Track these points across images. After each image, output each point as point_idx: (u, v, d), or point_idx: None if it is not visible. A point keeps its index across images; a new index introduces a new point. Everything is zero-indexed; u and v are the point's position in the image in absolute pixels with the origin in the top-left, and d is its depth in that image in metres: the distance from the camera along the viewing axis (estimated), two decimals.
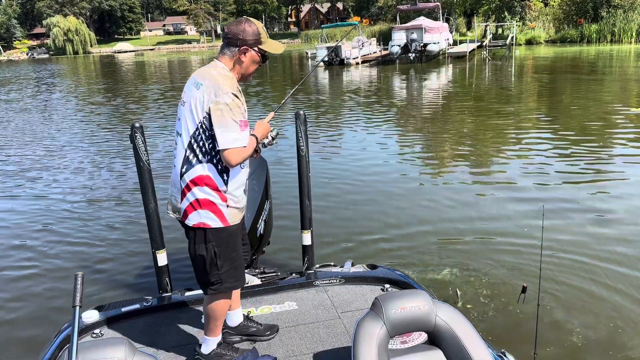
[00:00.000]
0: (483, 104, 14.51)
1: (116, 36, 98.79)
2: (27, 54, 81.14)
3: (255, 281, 3.54)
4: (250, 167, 2.83)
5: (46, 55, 78.71)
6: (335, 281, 3.46)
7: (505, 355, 2.44)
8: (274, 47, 2.53)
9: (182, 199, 2.49)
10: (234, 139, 2.33)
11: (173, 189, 2.56)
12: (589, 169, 7.79)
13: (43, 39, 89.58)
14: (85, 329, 2.94)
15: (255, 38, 2.45)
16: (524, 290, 2.54)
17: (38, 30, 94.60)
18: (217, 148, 2.36)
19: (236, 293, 2.86)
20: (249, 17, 2.56)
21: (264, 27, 2.54)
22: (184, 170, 2.46)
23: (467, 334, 2.12)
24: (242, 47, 2.44)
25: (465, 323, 2.16)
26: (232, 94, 2.35)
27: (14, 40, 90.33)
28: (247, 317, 2.97)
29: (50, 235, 6.36)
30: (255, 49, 2.47)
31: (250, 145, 2.45)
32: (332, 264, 3.82)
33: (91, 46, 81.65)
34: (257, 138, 2.55)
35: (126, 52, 78.44)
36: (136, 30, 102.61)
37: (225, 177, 2.46)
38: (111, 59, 58.05)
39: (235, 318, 2.90)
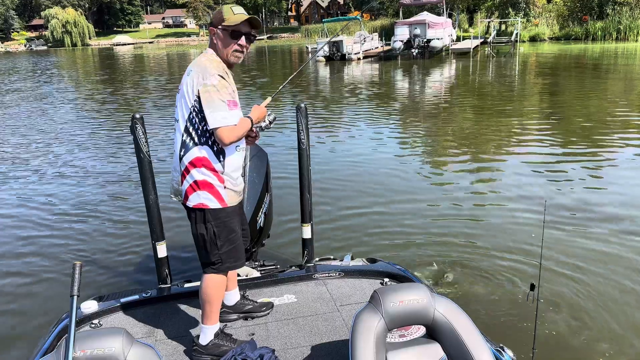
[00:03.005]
0: (487, 102, 14.28)
1: (115, 29, 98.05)
2: (25, 46, 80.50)
3: (255, 274, 3.53)
4: (250, 159, 2.86)
5: (44, 47, 78.11)
6: (334, 274, 3.46)
7: (503, 350, 2.42)
8: (235, 18, 2.55)
9: (182, 181, 2.62)
10: (222, 117, 2.43)
11: (174, 173, 2.71)
12: (592, 167, 7.68)
13: (41, 31, 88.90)
14: (84, 319, 2.96)
15: (218, 18, 2.57)
16: (532, 288, 2.45)
17: (36, 21, 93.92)
18: (208, 128, 2.47)
19: (232, 274, 3.00)
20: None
21: (235, 6, 2.61)
22: (182, 153, 2.58)
23: (465, 328, 2.10)
24: (211, 30, 2.61)
25: (464, 317, 2.14)
26: (219, 75, 2.47)
27: (12, 32, 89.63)
28: (243, 296, 3.11)
29: (50, 225, 6.34)
30: (220, 27, 2.57)
31: (242, 126, 2.54)
32: (332, 257, 3.81)
33: (90, 38, 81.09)
34: (251, 120, 2.64)
35: (125, 44, 77.85)
36: (135, 22, 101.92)
37: (222, 158, 2.56)
38: (110, 52, 57.62)
39: (232, 297, 3.04)
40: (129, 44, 78.22)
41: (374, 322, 2.07)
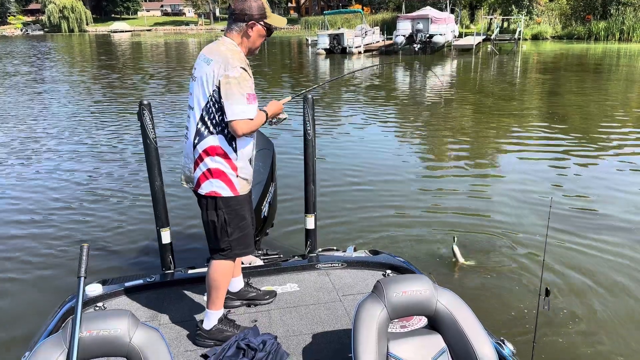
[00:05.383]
0: (490, 99, 14.24)
1: (113, 15, 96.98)
2: (21, 30, 79.54)
3: (258, 262, 3.56)
4: (256, 148, 2.83)
5: (41, 32, 77.17)
6: (337, 265, 3.49)
7: (504, 343, 2.43)
8: (278, 20, 2.68)
9: (195, 169, 2.63)
10: (241, 110, 2.46)
11: (186, 160, 2.71)
12: (593, 165, 7.70)
13: (38, 15, 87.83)
14: (89, 302, 2.98)
15: (260, 12, 2.58)
16: (547, 293, 2.36)
17: (33, 6, 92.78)
18: (226, 119, 2.49)
19: (237, 261, 3.03)
20: None
21: (267, 2, 2.65)
22: (196, 141, 2.59)
23: (467, 320, 2.12)
24: (250, 22, 2.56)
25: (465, 309, 2.16)
26: (241, 67, 2.47)
27: (8, 16, 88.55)
28: (247, 284, 3.14)
29: (55, 210, 6.33)
30: (262, 22, 2.59)
31: (257, 119, 2.56)
32: (335, 248, 3.83)
33: (87, 25, 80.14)
34: (267, 114, 2.65)
35: (122, 32, 77.02)
36: (133, 10, 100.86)
37: (236, 148, 2.58)
38: (107, 39, 57.07)
39: (236, 284, 3.08)
40: (126, 31, 77.39)
41: (377, 311, 2.09)
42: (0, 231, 5.76)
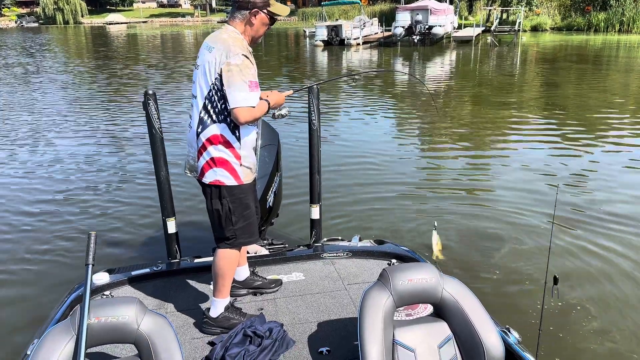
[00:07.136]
0: (491, 91, 14.25)
1: (108, 7, 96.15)
2: (15, 22, 78.81)
3: (264, 252, 3.57)
4: (262, 138, 2.80)
5: (35, 24, 76.47)
6: (342, 254, 3.51)
7: (509, 331, 2.43)
8: (282, 9, 2.66)
9: (199, 158, 2.62)
10: (243, 98, 2.43)
11: (190, 149, 2.70)
12: (594, 157, 7.67)
13: (33, 7, 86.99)
14: (96, 290, 3.01)
15: (264, 0, 2.55)
16: (555, 281, 2.31)
17: None
18: (228, 107, 2.47)
19: (243, 250, 3.03)
20: None
21: None
22: (199, 130, 2.58)
23: (472, 307, 2.13)
24: (253, 10, 2.54)
25: (471, 297, 2.16)
26: (243, 55, 2.45)
27: (3, 8, 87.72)
28: (253, 272, 3.18)
29: (61, 200, 6.36)
30: (265, 11, 2.57)
31: (259, 108, 2.53)
32: (340, 238, 3.84)
33: (82, 16, 79.36)
34: (269, 104, 2.63)
35: (118, 23, 76.39)
36: (129, 1, 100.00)
37: (239, 136, 2.57)
38: (103, 31, 56.68)
39: (242, 273, 3.10)
40: (122, 23, 76.77)
41: (383, 299, 2.10)
42: (7, 220, 5.77)
